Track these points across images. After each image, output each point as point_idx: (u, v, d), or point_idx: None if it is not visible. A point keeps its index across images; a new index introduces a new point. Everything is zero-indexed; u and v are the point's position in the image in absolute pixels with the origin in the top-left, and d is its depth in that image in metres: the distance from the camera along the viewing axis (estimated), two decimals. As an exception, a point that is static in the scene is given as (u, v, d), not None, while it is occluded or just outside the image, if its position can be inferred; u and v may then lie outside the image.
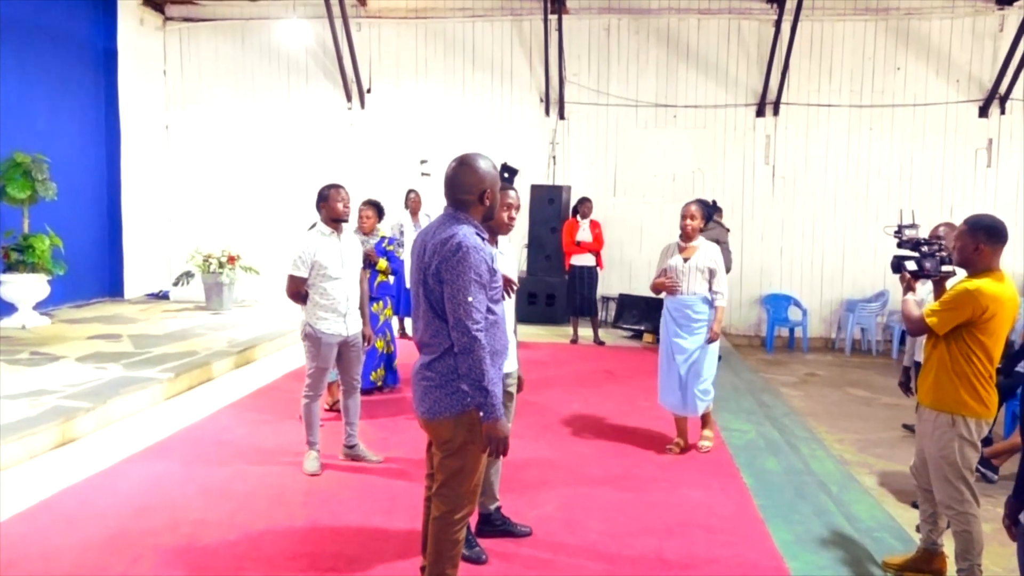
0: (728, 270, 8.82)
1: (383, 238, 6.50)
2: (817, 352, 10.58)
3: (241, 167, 11.96)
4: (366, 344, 5.22)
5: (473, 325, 2.82)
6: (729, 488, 4.91)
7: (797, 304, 10.93)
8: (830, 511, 4.65)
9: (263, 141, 11.90)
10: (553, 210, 10.77)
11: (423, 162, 11.32)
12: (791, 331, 10.96)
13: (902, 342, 10.17)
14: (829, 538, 4.26)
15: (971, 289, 3.39)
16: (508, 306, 3.66)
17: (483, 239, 2.97)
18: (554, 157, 11.49)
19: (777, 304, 10.96)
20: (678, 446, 5.53)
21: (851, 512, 4.68)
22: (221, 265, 10.62)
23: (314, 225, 5.09)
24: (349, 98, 11.70)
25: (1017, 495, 2.68)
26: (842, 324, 10.87)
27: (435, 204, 6.81)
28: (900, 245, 3.81)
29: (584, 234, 9.64)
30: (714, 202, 9.29)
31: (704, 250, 5.29)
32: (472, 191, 3.00)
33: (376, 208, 6.35)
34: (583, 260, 9.63)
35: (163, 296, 11.77)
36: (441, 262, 2.87)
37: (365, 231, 6.41)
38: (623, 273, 11.25)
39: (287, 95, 11.87)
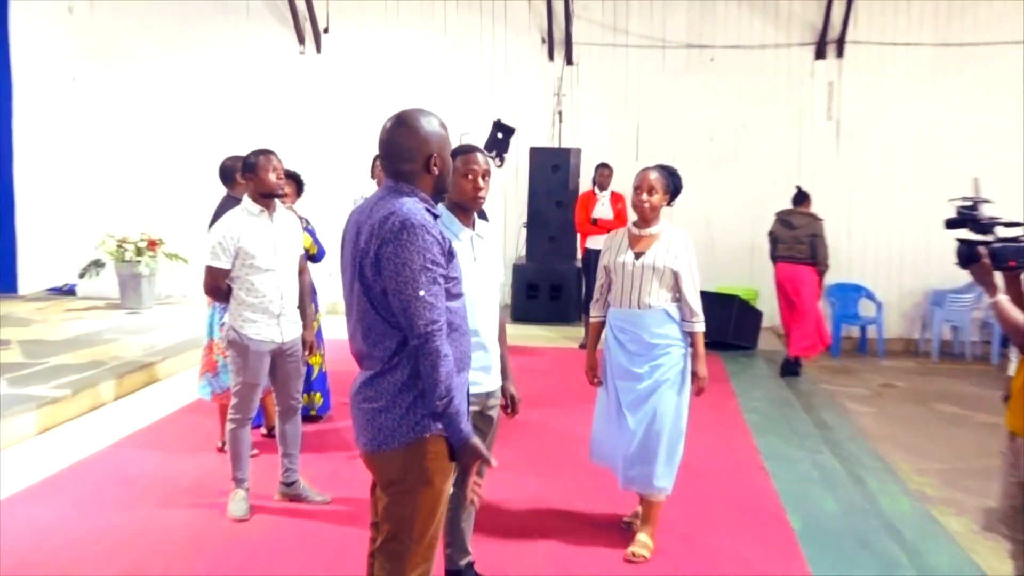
0: (825, 270, 8.76)
1: (302, 218, 6.43)
2: (895, 357, 10.53)
3: (167, 129, 11.91)
4: (307, 353, 5.17)
5: (427, 326, 2.78)
6: (771, 535, 4.85)
7: (870, 296, 10.84)
8: (902, 564, 4.59)
9: (194, 96, 11.85)
10: (559, 179, 10.70)
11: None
12: (862, 330, 10.89)
13: (1004, 344, 10.05)
14: (899, 599, 4.18)
15: None
16: (479, 300, 3.55)
17: (435, 216, 2.93)
18: (560, 113, 11.42)
19: (844, 296, 10.87)
20: (639, 518, 4.77)
21: (930, 565, 4.61)
22: (139, 252, 10.57)
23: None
24: (301, 40, 11.64)
25: None
26: (927, 321, 10.78)
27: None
28: (955, 224, 3.45)
29: (603, 210, 9.64)
30: (799, 188, 9.26)
31: (667, 241, 4.48)
32: (414, 157, 2.96)
33: (295, 182, 6.25)
34: (601, 243, 9.55)
35: (68, 291, 11.75)
36: (381, 247, 2.82)
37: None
38: (648, 259, 11.18)
39: (224, 38, 11.83)
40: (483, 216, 6.51)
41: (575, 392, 7.72)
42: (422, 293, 2.78)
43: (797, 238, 8.84)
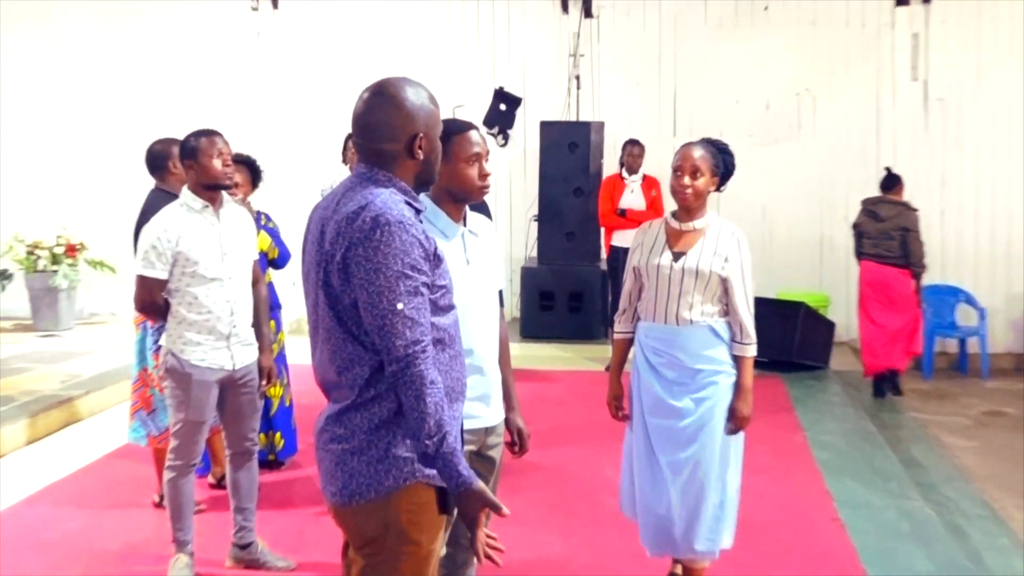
0: (921, 271, 8.79)
1: (259, 213, 6.46)
2: (1004, 377, 10.48)
3: (88, 107, 11.96)
4: (265, 383, 5.18)
5: (408, 347, 2.79)
6: (850, 601, 4.82)
7: (970, 301, 10.80)
8: (1014, 636, 4.55)
9: (122, 66, 11.90)
10: (577, 160, 10.73)
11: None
12: (961, 344, 10.86)
13: None
14: None
15: None
16: (473, 313, 3.55)
17: (417, 211, 2.93)
18: (577, 78, 11.45)
19: (938, 302, 10.80)
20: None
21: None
22: (56, 260, 10.61)
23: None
24: (254, -7, 11.69)
25: None
26: (1044, 331, 10.74)
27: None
28: None
29: (633, 198, 9.64)
30: (888, 171, 9.27)
31: (714, 239, 4.45)
32: (395, 136, 2.97)
33: (249, 169, 6.26)
34: (631, 240, 9.58)
35: (-32, 310, 11.75)
36: (349, 249, 2.82)
37: None
38: (691, 258, 11.21)
39: (160, -7, 11.86)
40: (484, 210, 6.54)
41: (602, 426, 7.68)
42: (400, 306, 2.78)
43: (885, 232, 8.89)
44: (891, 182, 9.15)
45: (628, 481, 4.70)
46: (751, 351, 4.45)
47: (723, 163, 4.54)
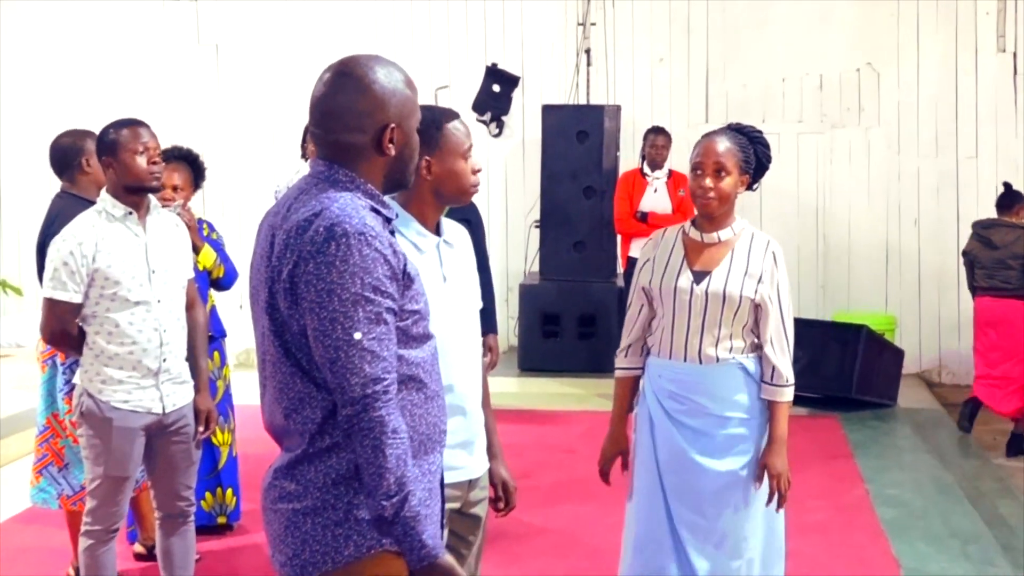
0: None
1: (201, 221, 6.48)
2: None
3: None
4: (203, 430, 5.17)
5: (366, 386, 2.78)
6: None
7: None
8: None
9: (25, 41, 11.97)
10: (587, 152, 10.76)
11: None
12: (1058, 376, 10.84)
13: None
14: None
15: None
16: (453, 341, 3.57)
17: (386, 220, 2.94)
18: (587, 52, 11.52)
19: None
20: None
21: None
22: (-49, 280, 10.62)
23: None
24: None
25: None
26: None
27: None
28: None
29: (657, 199, 9.71)
30: (1007, 187, 9.34)
31: (744, 254, 4.40)
32: (362, 127, 2.97)
33: (189, 166, 6.28)
34: (651, 251, 9.65)
35: None
36: (298, 265, 2.83)
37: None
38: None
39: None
40: (474, 212, 6.57)
41: (617, 480, 7.73)
42: (358, 336, 2.77)
43: (1000, 261, 8.98)
44: (1010, 200, 9.22)
45: (638, 550, 4.60)
46: (787, 395, 4.37)
47: (755, 155, 4.42)
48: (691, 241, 4.42)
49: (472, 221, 6.39)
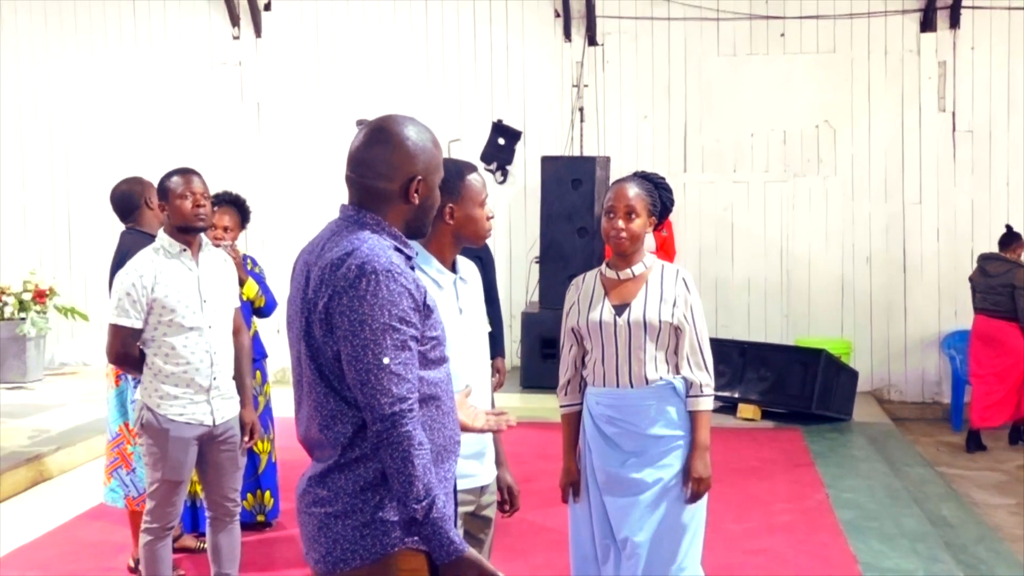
0: None
1: (246, 257, 6.48)
2: (1039, 428, 10.42)
3: (59, 144, 12.05)
4: (248, 439, 5.18)
5: (393, 404, 2.78)
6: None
7: (1002, 347, 10.80)
8: None
9: (94, 100, 12.00)
10: (581, 198, 10.75)
11: (361, 124, 11.34)
12: (993, 393, 10.82)
13: None
14: None
15: None
16: (468, 364, 3.59)
17: (407, 258, 2.94)
18: (581, 110, 11.51)
19: (966, 348, 10.80)
20: None
21: None
22: (23, 306, 10.61)
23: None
24: (235, 21, 11.81)
25: None
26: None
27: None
28: None
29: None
30: (1008, 229, 9.71)
31: (657, 284, 4.28)
32: (392, 177, 2.97)
33: (236, 209, 6.29)
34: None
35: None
36: (332, 298, 2.83)
37: None
38: (705, 302, 11.18)
39: (131, 20, 11.99)
40: (486, 251, 6.60)
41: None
42: (386, 361, 2.78)
43: (993, 288, 9.52)
44: (1008, 240, 9.68)
45: (582, 555, 4.51)
46: (704, 404, 4.23)
47: (659, 200, 4.34)
48: (608, 280, 4.32)
49: (483, 259, 6.45)
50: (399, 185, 2.97)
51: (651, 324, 4.17)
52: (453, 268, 3.65)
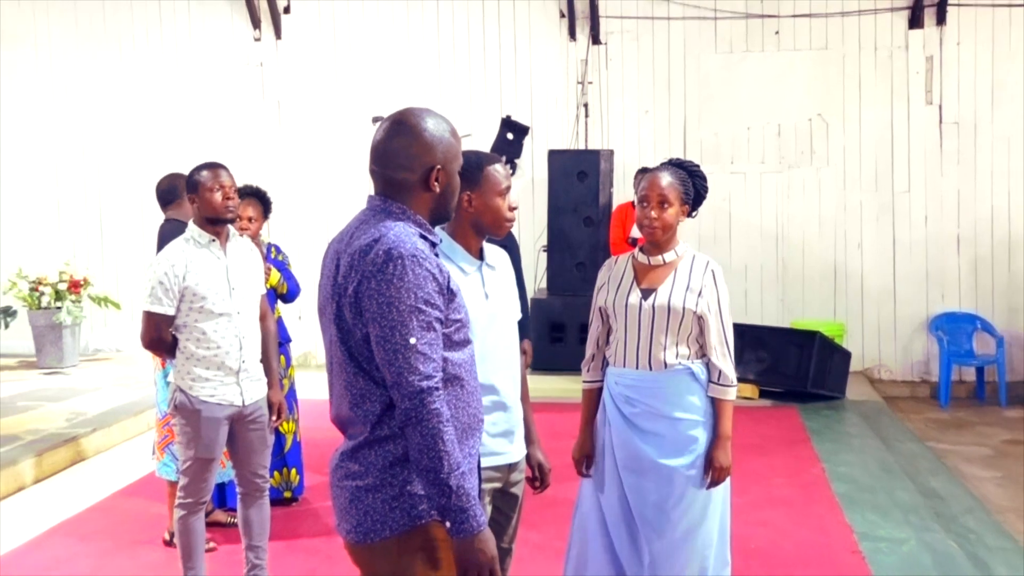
0: None
1: (270, 245, 6.50)
2: (1023, 405, 10.46)
3: (90, 141, 12.06)
4: (275, 419, 5.21)
5: (421, 382, 2.80)
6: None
7: (987, 329, 10.83)
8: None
9: (123, 99, 12.00)
10: (586, 189, 10.75)
11: (377, 121, 11.36)
12: (979, 372, 10.86)
13: None
14: None
15: None
16: (495, 348, 3.56)
17: (432, 244, 2.95)
18: (585, 106, 11.49)
19: (955, 329, 10.87)
20: None
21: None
22: (59, 296, 10.64)
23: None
24: (256, 23, 11.79)
25: None
26: (1063, 358, 10.74)
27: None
28: None
29: (645, 227, 9.64)
30: None
31: (686, 273, 4.21)
32: (413, 167, 2.99)
33: (259, 201, 6.31)
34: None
35: (-29, 348, 11.81)
36: (361, 283, 2.85)
37: None
38: (703, 287, 11.21)
39: (156, 23, 11.99)
40: (512, 240, 6.61)
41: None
42: (413, 340, 2.79)
43: None
44: None
45: (578, 549, 4.42)
46: (730, 394, 4.17)
47: (693, 188, 4.23)
48: (639, 264, 4.26)
49: (509, 247, 6.49)
50: (420, 175, 2.98)
51: (675, 310, 4.11)
52: (480, 255, 3.62)
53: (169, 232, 5.75)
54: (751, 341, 9.89)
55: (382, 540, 2.90)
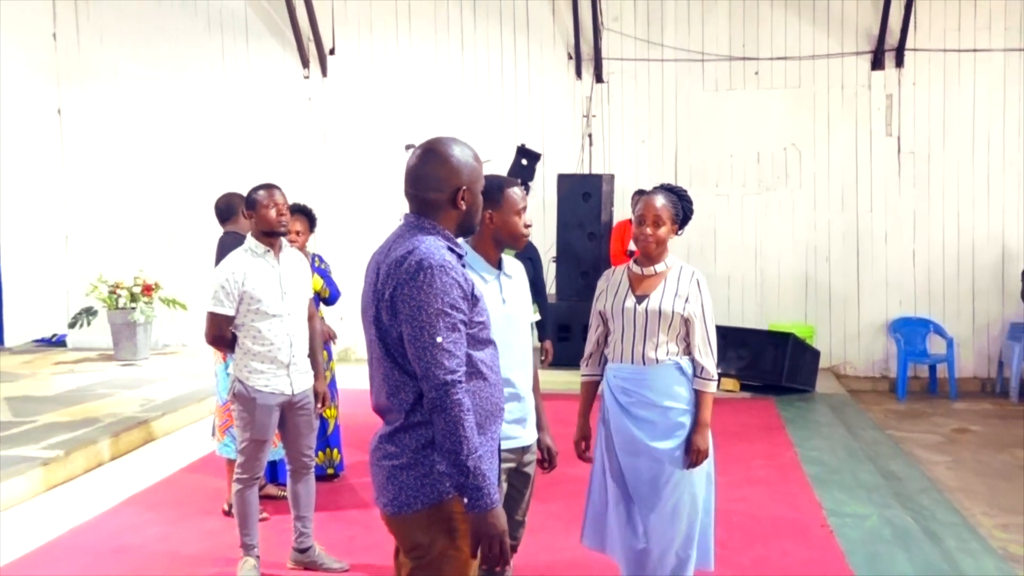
0: None
1: (314, 255, 6.52)
2: (970, 398, 10.43)
3: (161, 164, 12.08)
4: (320, 406, 5.23)
5: (446, 375, 2.83)
6: (839, 600, 4.79)
7: (939, 331, 10.78)
8: (986, 631, 4.51)
9: (190, 127, 12.03)
10: (590, 208, 10.75)
11: (409, 148, 11.37)
12: (931, 369, 10.82)
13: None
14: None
15: None
16: (511, 346, 3.58)
17: (458, 256, 2.98)
18: (590, 136, 11.48)
19: (911, 332, 10.83)
20: None
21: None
22: (134, 298, 10.69)
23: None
24: (305, 63, 11.80)
25: None
26: (1005, 358, 10.67)
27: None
28: None
29: (641, 241, 9.65)
30: None
31: (675, 281, 4.24)
32: (442, 188, 3.02)
33: (306, 217, 6.33)
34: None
35: (58, 342, 11.89)
36: (396, 289, 2.89)
37: None
38: (692, 294, 11.19)
39: (220, 62, 12.02)
40: (533, 250, 6.78)
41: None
42: (439, 339, 2.83)
43: None
44: None
45: (593, 513, 4.45)
46: (711, 387, 4.21)
47: (682, 210, 4.32)
48: (634, 274, 4.30)
49: (534, 259, 7.04)
50: (448, 195, 3.02)
51: (665, 313, 4.16)
52: (499, 266, 3.65)
53: (226, 243, 5.80)
54: (733, 341, 9.86)
55: (414, 512, 2.93)
